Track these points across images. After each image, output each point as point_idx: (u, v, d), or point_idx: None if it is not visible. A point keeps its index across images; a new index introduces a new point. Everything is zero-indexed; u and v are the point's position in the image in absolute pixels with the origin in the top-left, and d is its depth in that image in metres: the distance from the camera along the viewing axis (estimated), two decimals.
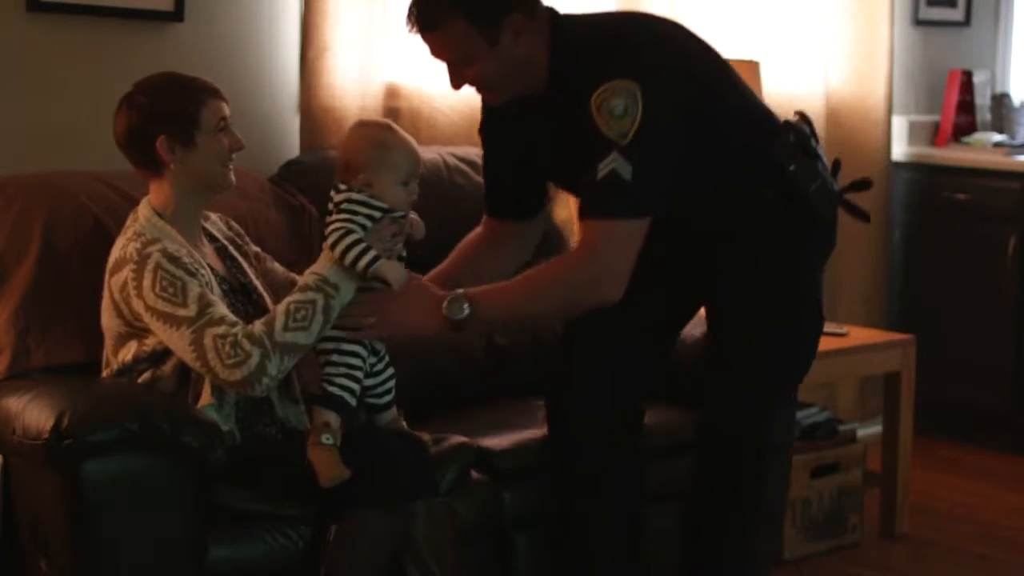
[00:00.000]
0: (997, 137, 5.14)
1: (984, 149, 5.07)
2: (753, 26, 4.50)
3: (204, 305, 2.64)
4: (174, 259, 2.67)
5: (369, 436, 2.81)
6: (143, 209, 2.79)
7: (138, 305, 2.67)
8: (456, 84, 2.77)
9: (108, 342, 2.79)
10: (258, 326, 2.64)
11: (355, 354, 2.73)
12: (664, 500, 3.17)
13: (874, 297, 4.94)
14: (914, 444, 4.14)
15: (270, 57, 3.62)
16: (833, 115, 4.77)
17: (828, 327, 4.12)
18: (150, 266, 2.65)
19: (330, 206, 2.73)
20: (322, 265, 2.71)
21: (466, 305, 2.69)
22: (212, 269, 2.79)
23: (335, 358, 2.73)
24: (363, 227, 2.69)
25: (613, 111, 2.64)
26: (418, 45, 3.47)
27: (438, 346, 3.27)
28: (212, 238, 2.90)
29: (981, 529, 4.19)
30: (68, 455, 2.52)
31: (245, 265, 2.92)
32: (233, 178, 2.81)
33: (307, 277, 2.70)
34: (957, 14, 5.37)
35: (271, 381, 2.64)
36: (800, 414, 3.91)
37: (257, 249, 3.02)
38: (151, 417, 2.57)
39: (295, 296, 2.68)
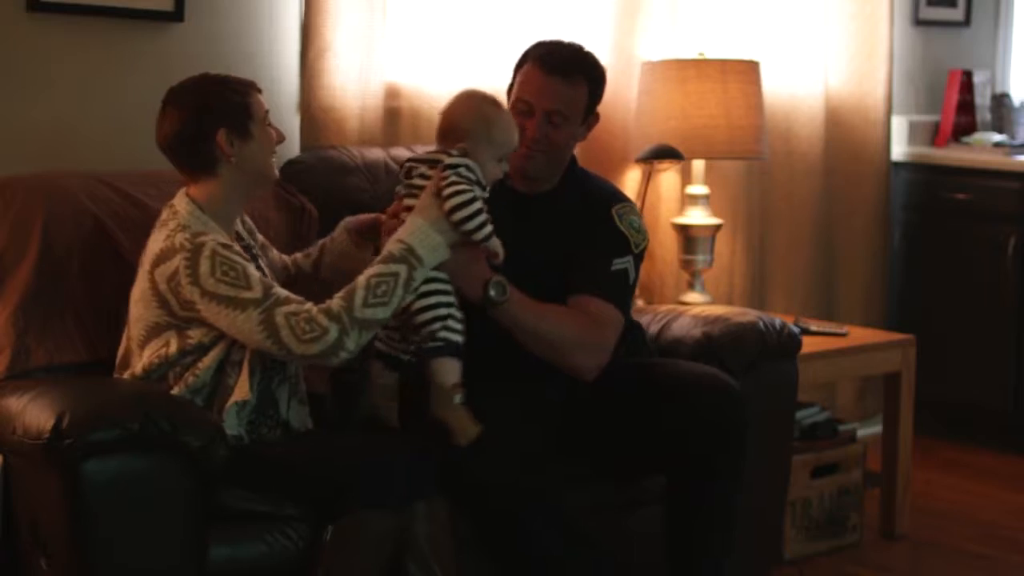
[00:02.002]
0: (997, 137, 5.14)
1: (984, 149, 5.07)
2: (753, 26, 4.50)
3: (267, 286, 2.67)
4: (228, 247, 2.70)
5: (369, 436, 2.81)
6: (182, 204, 2.78)
7: (192, 292, 2.67)
8: (534, 133, 3.03)
9: (137, 333, 2.77)
10: (336, 301, 2.66)
11: (451, 303, 2.79)
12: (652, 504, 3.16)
13: (874, 297, 4.94)
14: (914, 444, 4.14)
15: (270, 57, 3.62)
16: (833, 115, 4.77)
17: (828, 327, 4.16)
18: (206, 253, 2.66)
19: (420, 169, 2.82)
20: (409, 232, 2.72)
21: (506, 293, 2.84)
22: None
23: (442, 310, 2.77)
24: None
25: (632, 223, 3.11)
26: (418, 45, 3.48)
27: None
28: (239, 237, 2.92)
29: (981, 529, 4.19)
30: (68, 455, 2.51)
31: (262, 263, 2.93)
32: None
33: (392, 246, 2.71)
34: (957, 14, 5.37)
35: (348, 355, 2.67)
36: (800, 414, 3.91)
37: (263, 239, 3.05)
38: (151, 417, 2.56)
39: (378, 268, 2.68)
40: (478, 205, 2.75)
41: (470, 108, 2.88)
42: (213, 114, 2.75)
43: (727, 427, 2.99)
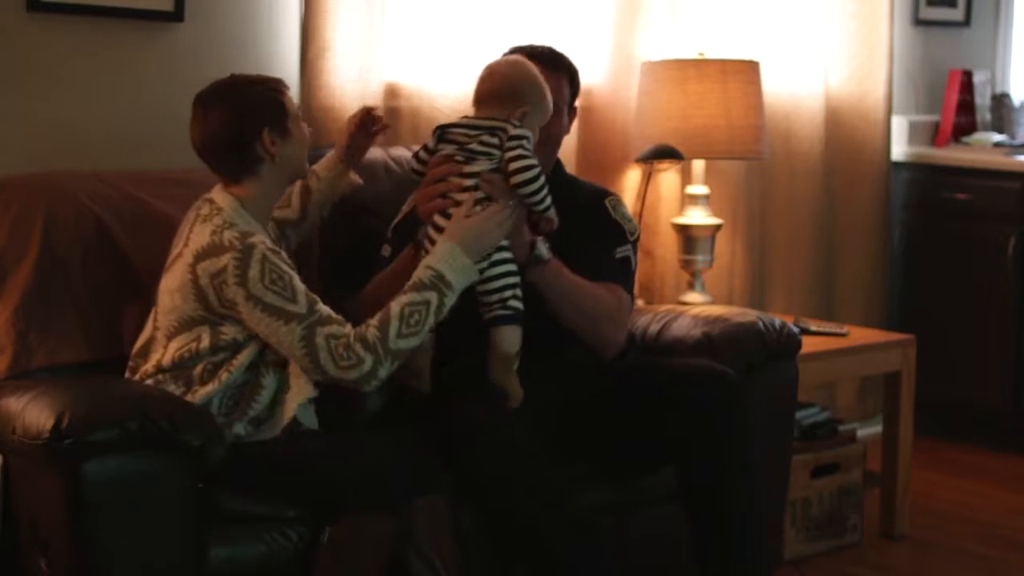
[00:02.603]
0: (997, 137, 5.14)
1: (984, 149, 5.07)
2: (753, 26, 4.49)
3: (311, 302, 2.70)
4: (276, 253, 2.72)
5: (366, 437, 2.81)
6: (225, 200, 2.78)
7: (237, 293, 2.68)
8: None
9: (167, 324, 2.76)
10: (371, 331, 2.70)
11: (518, 272, 2.85)
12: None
13: (874, 297, 4.94)
14: (914, 444, 4.14)
15: (270, 57, 3.62)
16: (833, 115, 4.77)
17: (828, 327, 4.16)
18: (256, 257, 2.68)
19: (480, 136, 2.85)
20: (439, 258, 2.76)
21: (549, 254, 2.93)
22: None
23: (512, 279, 2.84)
24: None
25: (624, 214, 3.22)
26: (418, 45, 3.48)
27: None
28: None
29: (981, 529, 4.19)
30: (68, 455, 2.51)
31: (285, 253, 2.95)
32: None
33: (422, 272, 2.75)
34: (957, 14, 5.37)
35: (379, 383, 2.72)
36: (800, 414, 3.91)
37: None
38: (151, 416, 2.56)
39: (410, 296, 2.72)
40: (543, 177, 2.83)
41: (530, 74, 2.91)
42: (256, 115, 2.77)
43: (727, 421, 2.98)
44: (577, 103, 3.29)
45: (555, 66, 3.18)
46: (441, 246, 2.78)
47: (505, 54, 3.21)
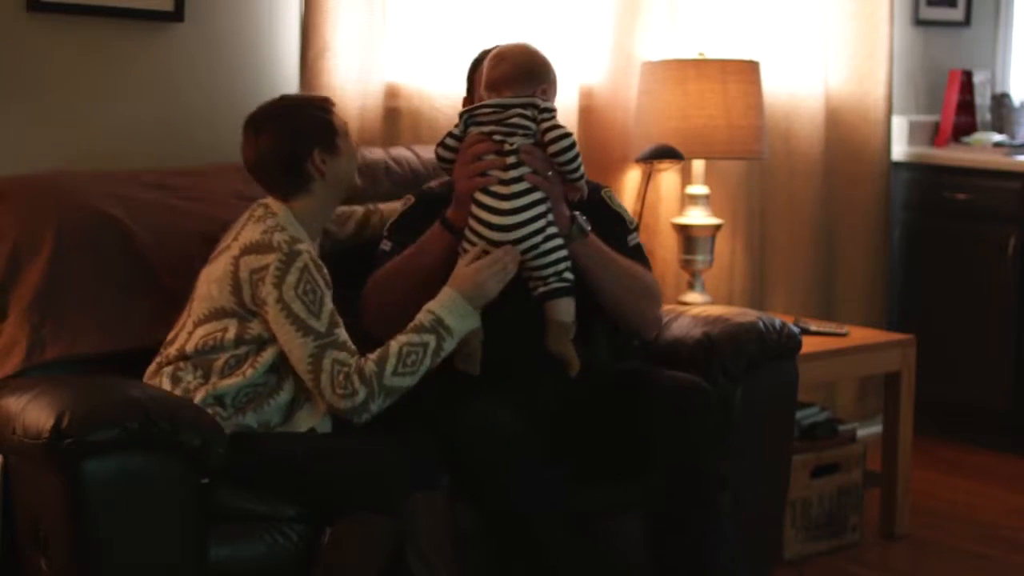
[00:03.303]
0: (997, 137, 5.14)
1: (984, 149, 5.07)
2: (753, 26, 4.50)
3: (332, 324, 2.76)
4: (319, 268, 2.79)
5: (366, 436, 2.81)
6: (277, 207, 2.86)
7: (269, 294, 2.75)
8: None
9: (199, 311, 2.83)
10: (370, 364, 2.75)
11: (564, 246, 2.93)
12: None
13: (874, 297, 4.94)
14: (914, 444, 4.14)
15: (270, 57, 3.62)
16: (833, 115, 4.77)
17: (828, 327, 4.16)
18: (299, 264, 2.75)
19: (515, 110, 2.91)
20: (441, 304, 2.82)
21: (589, 227, 3.00)
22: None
23: (564, 251, 2.92)
24: None
25: (620, 205, 3.28)
26: (418, 45, 3.47)
27: None
28: None
29: (981, 529, 4.19)
30: (68, 454, 2.52)
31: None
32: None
33: (424, 316, 2.82)
34: (957, 14, 5.37)
35: (369, 417, 2.77)
36: (800, 414, 3.91)
37: None
38: (151, 416, 2.57)
39: (409, 336, 2.79)
40: (577, 147, 2.92)
41: (540, 55, 3.02)
42: (305, 136, 2.86)
43: (694, 431, 2.96)
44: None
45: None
46: (444, 292, 2.84)
47: (481, 54, 3.18)
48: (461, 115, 3.01)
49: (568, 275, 2.94)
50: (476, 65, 3.19)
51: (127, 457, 2.56)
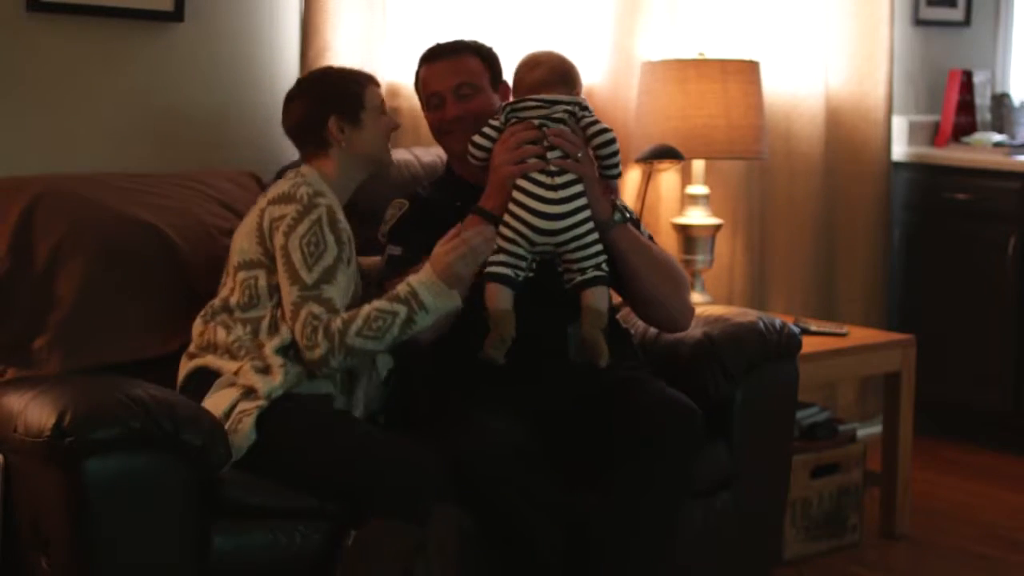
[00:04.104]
0: (997, 137, 5.14)
1: (984, 149, 5.07)
2: (753, 26, 4.50)
3: (322, 280, 2.82)
4: (334, 222, 2.87)
5: (390, 438, 2.81)
6: (310, 171, 2.96)
7: (280, 241, 2.84)
8: (453, 112, 3.11)
9: (234, 261, 2.91)
10: (337, 322, 2.80)
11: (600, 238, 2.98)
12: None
13: (874, 297, 4.94)
14: (914, 444, 4.14)
15: (270, 57, 3.62)
16: (833, 115, 4.77)
17: (828, 327, 4.16)
18: (313, 216, 2.85)
19: (561, 107, 2.99)
20: (419, 279, 2.83)
21: (629, 215, 3.08)
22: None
23: (599, 245, 2.97)
24: None
25: (623, 202, 3.19)
26: (418, 45, 3.48)
27: None
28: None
29: (981, 529, 4.19)
30: (69, 453, 2.52)
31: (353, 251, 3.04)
32: (393, 156, 3.07)
33: (402, 287, 2.84)
34: (957, 14, 5.37)
35: (330, 372, 2.84)
36: (800, 414, 3.91)
37: None
38: (153, 415, 2.57)
39: (382, 303, 2.82)
40: (618, 143, 3.03)
41: (568, 60, 3.10)
42: (325, 103, 2.97)
43: (669, 440, 2.91)
44: (506, 78, 3.21)
45: (455, 49, 3.17)
46: (424, 269, 2.85)
47: (424, 52, 3.22)
48: (503, 107, 3.06)
49: (605, 266, 2.98)
50: (416, 72, 3.22)
51: (128, 456, 2.56)
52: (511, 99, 3.13)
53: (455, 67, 3.14)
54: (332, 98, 2.97)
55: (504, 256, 2.94)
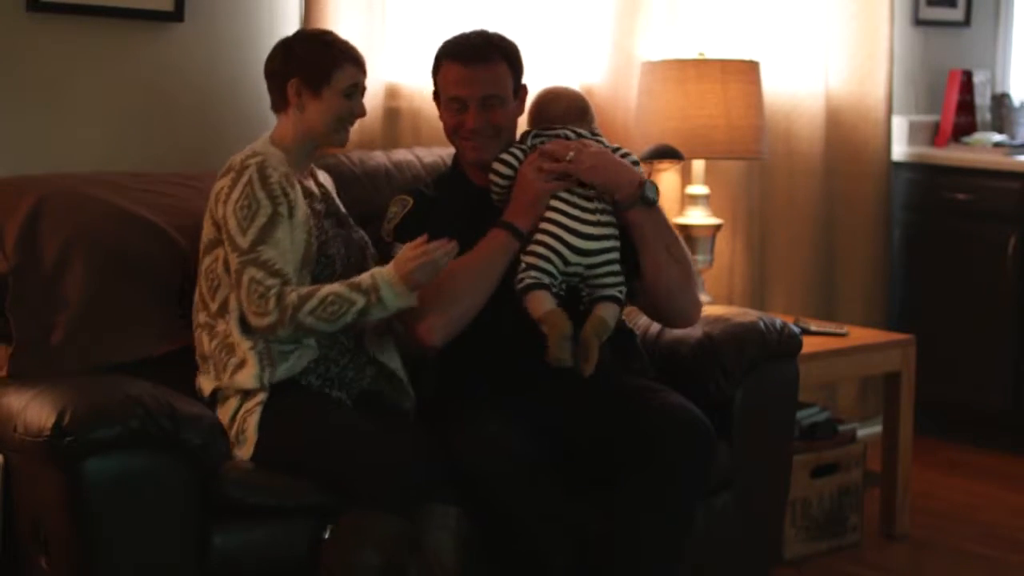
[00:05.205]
0: (997, 137, 5.14)
1: (984, 149, 5.07)
2: (753, 26, 4.50)
3: (258, 241, 2.81)
4: (264, 178, 2.84)
5: (377, 434, 2.81)
6: (263, 136, 2.98)
7: (221, 212, 2.85)
8: (476, 122, 3.07)
9: (202, 247, 2.92)
10: (293, 296, 2.79)
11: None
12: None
13: (874, 297, 4.94)
14: (914, 444, 4.14)
15: None
16: (833, 115, 4.77)
17: (828, 327, 4.16)
18: (244, 179, 2.85)
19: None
20: (383, 277, 2.82)
21: (656, 195, 3.05)
22: (311, 192, 2.98)
23: (622, 275, 3.01)
24: None
25: None
26: (418, 45, 3.47)
27: None
28: (309, 193, 3.01)
29: (981, 529, 4.19)
30: (69, 452, 2.52)
31: (332, 231, 3.03)
32: (347, 139, 3.02)
33: (364, 277, 2.84)
34: (957, 14, 5.37)
35: (275, 340, 2.83)
36: (800, 414, 3.91)
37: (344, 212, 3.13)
38: (152, 414, 2.57)
39: (342, 288, 2.81)
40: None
41: (584, 96, 3.19)
42: (293, 64, 2.96)
43: (682, 462, 2.90)
44: (524, 81, 3.19)
45: (485, 58, 3.10)
46: (389, 268, 2.84)
47: (441, 47, 3.17)
48: (527, 134, 3.10)
49: (622, 292, 3.01)
50: (437, 61, 3.17)
51: (128, 455, 2.56)
52: (526, 102, 3.17)
53: (485, 76, 3.08)
54: (302, 62, 2.95)
55: (536, 272, 2.96)
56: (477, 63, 3.09)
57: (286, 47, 3.00)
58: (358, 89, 2.99)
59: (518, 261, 3.00)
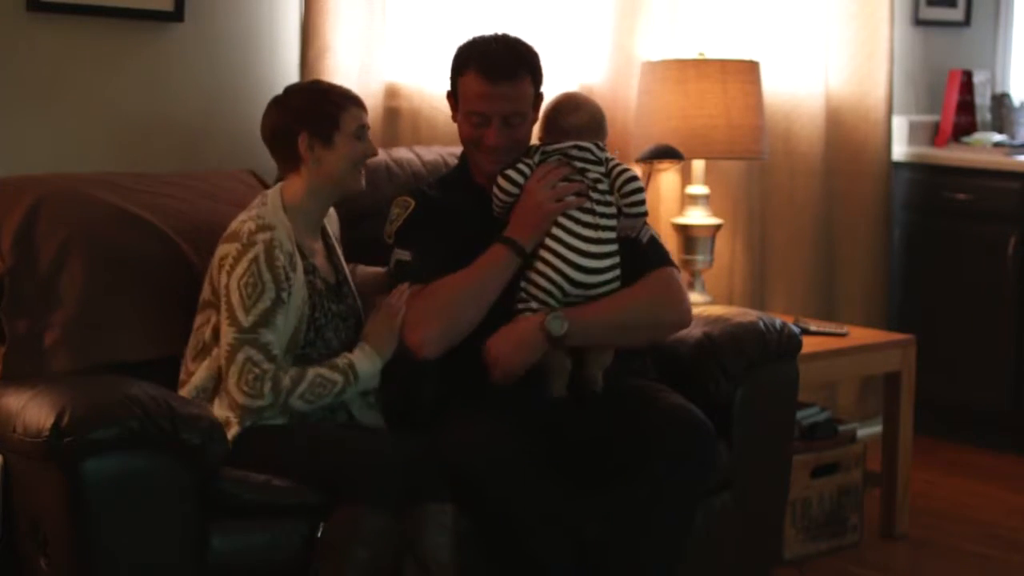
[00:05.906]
0: (997, 137, 5.14)
1: (984, 149, 5.07)
2: (753, 26, 4.50)
3: (259, 323, 2.79)
4: (271, 260, 2.81)
5: (370, 432, 2.81)
6: (273, 194, 2.94)
7: (224, 280, 2.81)
8: (498, 140, 3.03)
9: (200, 301, 2.91)
10: (287, 380, 2.80)
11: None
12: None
13: (874, 297, 4.94)
14: (914, 444, 4.14)
15: (270, 57, 3.62)
16: (833, 115, 4.77)
17: (828, 327, 4.16)
18: (250, 255, 2.81)
19: (589, 153, 3.04)
20: (357, 355, 2.88)
21: (564, 321, 2.92)
22: (315, 268, 2.93)
23: (616, 284, 3.00)
24: None
25: None
26: (418, 45, 3.47)
27: None
28: (327, 235, 3.03)
29: (981, 529, 4.19)
30: (68, 453, 2.52)
31: (343, 263, 3.05)
32: (363, 182, 2.99)
33: (342, 359, 2.88)
34: (957, 14, 5.37)
35: (252, 421, 2.82)
36: (800, 414, 3.91)
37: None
38: (151, 415, 2.57)
39: (324, 371, 2.86)
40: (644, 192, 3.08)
41: (601, 110, 3.17)
42: (298, 118, 2.91)
43: (689, 470, 2.92)
44: (542, 89, 3.15)
45: (511, 75, 3.03)
46: (362, 347, 2.90)
47: (466, 50, 3.09)
48: (535, 149, 3.05)
49: None
50: (462, 66, 3.08)
51: (127, 456, 2.56)
52: (540, 113, 3.14)
53: (510, 94, 3.03)
54: (306, 114, 2.91)
55: (536, 304, 2.96)
56: (503, 81, 3.02)
57: (281, 105, 2.95)
58: (365, 130, 2.96)
59: (519, 275, 2.99)
